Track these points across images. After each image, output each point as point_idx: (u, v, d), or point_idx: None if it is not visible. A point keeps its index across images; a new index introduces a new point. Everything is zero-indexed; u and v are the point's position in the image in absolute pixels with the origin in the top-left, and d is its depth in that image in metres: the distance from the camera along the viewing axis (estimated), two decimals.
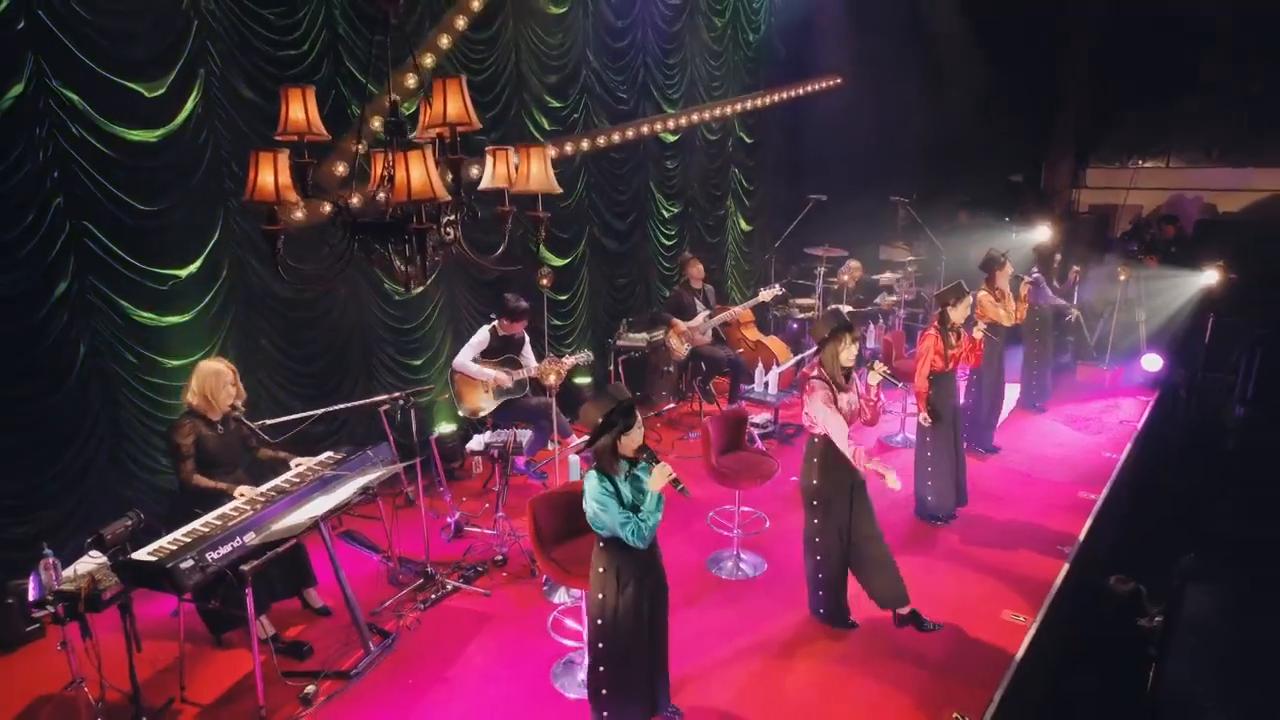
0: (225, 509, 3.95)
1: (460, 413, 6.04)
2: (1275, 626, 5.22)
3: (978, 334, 5.46)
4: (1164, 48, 9.45)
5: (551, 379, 5.42)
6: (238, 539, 3.71)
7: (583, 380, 7.73)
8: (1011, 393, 7.63)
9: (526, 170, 2.79)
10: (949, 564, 5.16)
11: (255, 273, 5.39)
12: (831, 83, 10.10)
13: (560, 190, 2.91)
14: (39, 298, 4.47)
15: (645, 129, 7.85)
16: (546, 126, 7.06)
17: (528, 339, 6.08)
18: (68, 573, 3.57)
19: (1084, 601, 5.30)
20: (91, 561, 3.66)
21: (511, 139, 6.77)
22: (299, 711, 3.86)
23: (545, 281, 6.87)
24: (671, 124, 8.21)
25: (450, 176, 2.65)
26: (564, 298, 7.65)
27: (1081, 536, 5.47)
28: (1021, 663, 4.23)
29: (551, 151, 7.01)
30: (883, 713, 3.85)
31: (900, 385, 4.83)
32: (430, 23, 5.86)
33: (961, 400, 6.85)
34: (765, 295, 7.63)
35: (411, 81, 5.55)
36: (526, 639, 4.40)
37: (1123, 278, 8.20)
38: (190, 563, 3.50)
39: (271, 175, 2.35)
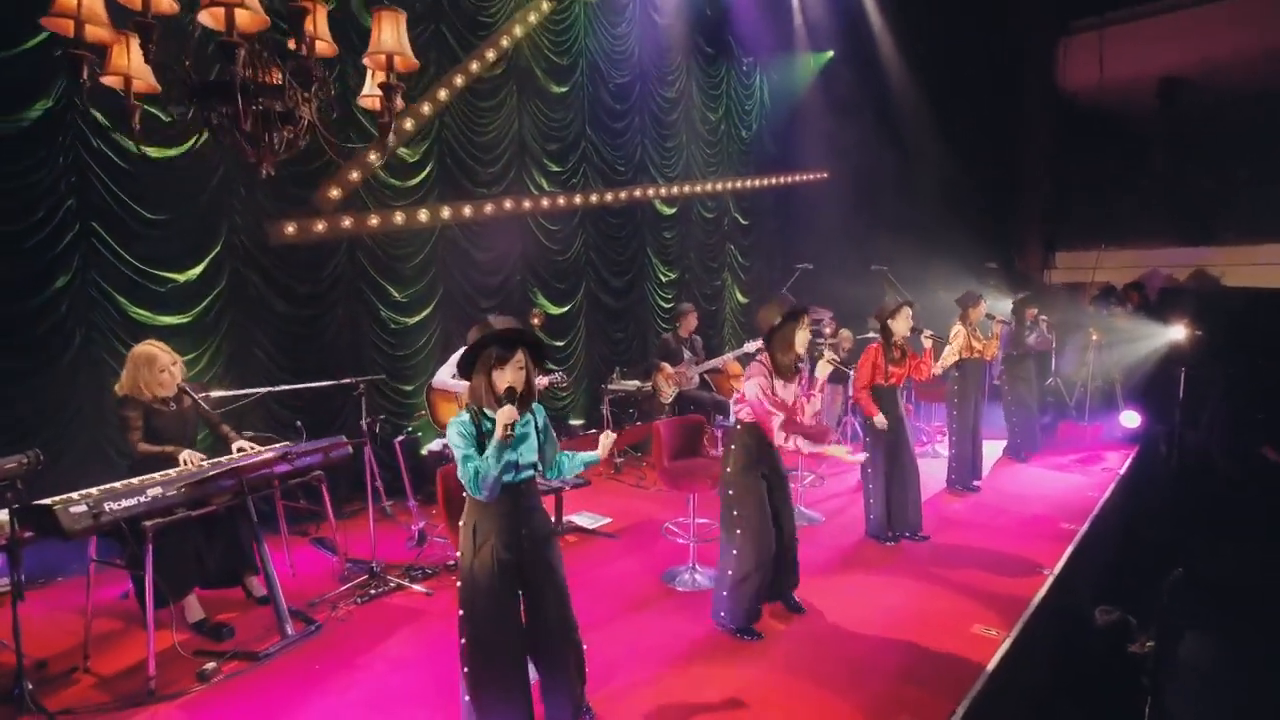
0: (156, 474, 3.37)
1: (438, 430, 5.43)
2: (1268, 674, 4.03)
3: (926, 343, 4.70)
4: (1114, 147, 9.04)
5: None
6: (145, 494, 3.11)
7: (576, 422, 7.09)
8: (994, 446, 6.75)
9: (378, 35, 2.29)
10: (915, 580, 4.19)
11: (255, 286, 5.03)
12: (818, 176, 9.80)
13: (417, 64, 2.41)
14: (40, 286, 4.16)
15: (638, 193, 7.53)
16: (546, 186, 6.79)
17: None
18: None
19: (1068, 632, 4.22)
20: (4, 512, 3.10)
21: (512, 193, 6.52)
22: (192, 686, 3.11)
23: (536, 321, 6.41)
24: (664, 191, 7.90)
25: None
26: (560, 344, 7.13)
27: (1064, 560, 4.44)
28: (993, 676, 3.23)
29: (544, 203, 6.74)
30: (824, 718, 2.90)
31: (850, 371, 4.10)
32: (437, 76, 5.72)
33: (946, 440, 6.03)
34: (749, 347, 6.96)
35: (410, 125, 5.35)
36: (452, 634, 3.56)
37: (1094, 338, 7.34)
38: (83, 508, 2.90)
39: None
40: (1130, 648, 3.92)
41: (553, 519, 5.01)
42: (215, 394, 3.76)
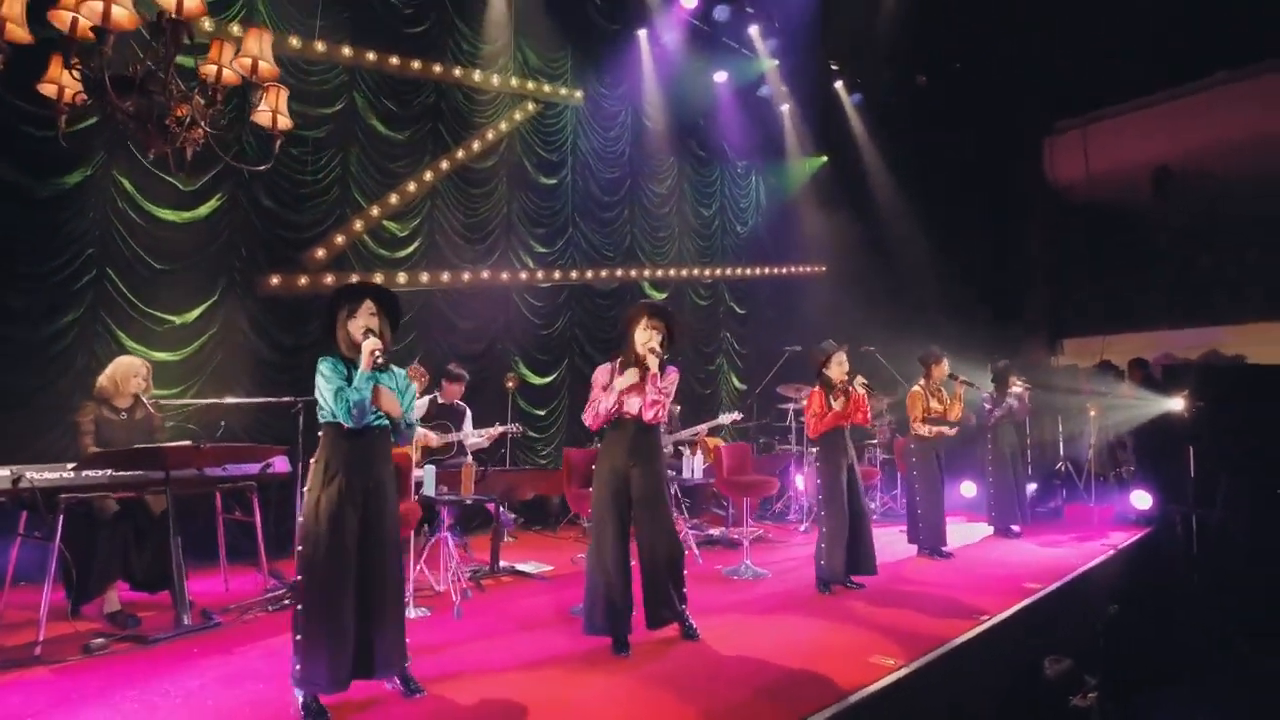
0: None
1: None
2: None
3: (859, 389, 4.67)
4: (1112, 235, 9.04)
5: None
6: (67, 471, 3.44)
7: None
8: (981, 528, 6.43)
9: (246, 44, 2.74)
10: (832, 620, 3.94)
11: (244, 335, 5.59)
12: (817, 270, 10.09)
13: (278, 71, 2.85)
14: (54, 317, 4.83)
15: (621, 273, 7.98)
16: (532, 265, 7.34)
17: (469, 414, 5.79)
18: None
19: (1017, 687, 3.81)
20: None
21: (500, 267, 7.08)
22: (74, 655, 3.25)
23: (510, 384, 6.74)
24: (652, 274, 8.32)
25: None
26: (542, 413, 7.37)
27: (1009, 611, 4.08)
28: (871, 700, 2.98)
29: (524, 276, 7.24)
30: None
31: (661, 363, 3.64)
32: (430, 158, 6.53)
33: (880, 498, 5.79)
34: (724, 419, 7.07)
35: (395, 200, 6.07)
36: None
37: (1093, 413, 7.00)
38: (5, 473, 3.25)
39: None
40: (1073, 700, 3.50)
41: (489, 565, 5.03)
42: (164, 401, 4.15)
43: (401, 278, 6.30)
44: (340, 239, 5.93)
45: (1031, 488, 7.49)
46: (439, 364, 6.62)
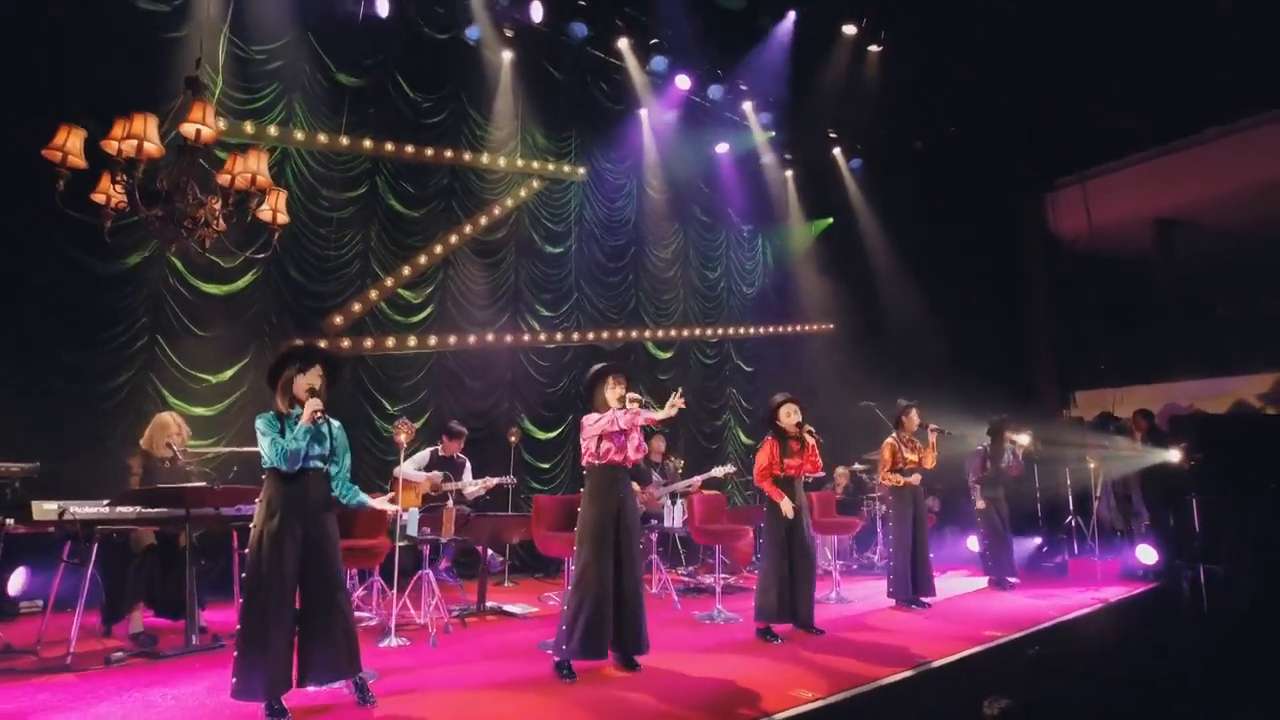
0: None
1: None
2: None
3: (809, 439, 5.02)
4: (1121, 286, 9.13)
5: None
6: (105, 507, 4.12)
7: None
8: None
9: (243, 163, 3.46)
10: (773, 660, 4.21)
11: (271, 393, 6.34)
12: (825, 328, 10.45)
13: (270, 181, 3.54)
14: (111, 377, 5.69)
15: (621, 333, 8.54)
16: (537, 328, 7.99)
17: (469, 465, 6.34)
18: None
19: None
20: None
21: (507, 330, 7.76)
22: (97, 665, 3.87)
23: (513, 438, 7.29)
24: (654, 334, 8.85)
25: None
26: (546, 466, 7.87)
27: (954, 657, 4.26)
28: None
29: (527, 338, 7.89)
30: None
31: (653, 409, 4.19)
32: (443, 232, 7.34)
33: (879, 550, 5.98)
34: (718, 471, 7.41)
35: (407, 271, 6.86)
36: None
37: (1092, 465, 7.05)
38: (52, 507, 3.95)
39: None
40: None
41: (476, 604, 5.47)
42: (193, 450, 4.87)
43: (413, 340, 7.03)
44: (358, 307, 6.73)
45: (1036, 541, 7.52)
46: (447, 419, 7.27)
